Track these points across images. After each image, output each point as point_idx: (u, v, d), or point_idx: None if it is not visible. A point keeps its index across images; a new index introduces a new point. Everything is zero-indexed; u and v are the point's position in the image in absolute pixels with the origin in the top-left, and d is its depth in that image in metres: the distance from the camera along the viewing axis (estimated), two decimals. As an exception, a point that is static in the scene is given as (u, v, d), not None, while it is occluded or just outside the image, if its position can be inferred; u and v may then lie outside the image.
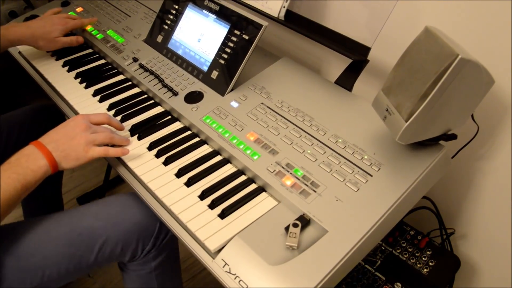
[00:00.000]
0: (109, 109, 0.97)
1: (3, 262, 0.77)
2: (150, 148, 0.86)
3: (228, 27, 0.93)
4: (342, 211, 0.69)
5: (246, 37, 0.89)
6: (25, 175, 0.72)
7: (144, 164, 0.83)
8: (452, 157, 0.91)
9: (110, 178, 1.75)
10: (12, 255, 0.78)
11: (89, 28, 1.20)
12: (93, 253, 0.83)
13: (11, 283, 0.76)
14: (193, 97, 0.93)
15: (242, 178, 0.80)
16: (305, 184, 0.73)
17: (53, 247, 0.81)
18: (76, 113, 0.98)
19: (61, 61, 1.13)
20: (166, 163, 0.83)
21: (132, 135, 0.90)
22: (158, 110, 0.97)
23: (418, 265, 0.93)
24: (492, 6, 0.80)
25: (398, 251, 0.96)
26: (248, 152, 0.80)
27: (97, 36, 1.17)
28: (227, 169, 0.82)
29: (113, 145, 0.85)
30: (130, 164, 0.83)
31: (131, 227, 0.86)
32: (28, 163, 0.73)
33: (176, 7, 1.05)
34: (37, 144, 0.77)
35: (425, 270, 0.92)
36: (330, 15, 0.93)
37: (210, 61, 0.95)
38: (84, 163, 0.79)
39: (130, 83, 1.05)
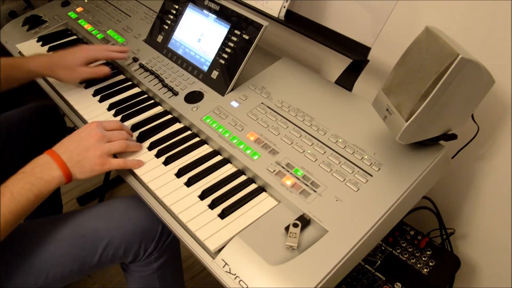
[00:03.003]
0: (109, 109, 0.97)
1: (8, 261, 0.77)
2: (150, 148, 0.86)
3: (228, 27, 0.93)
4: (342, 211, 0.69)
5: (246, 37, 0.89)
6: (39, 185, 0.71)
7: (144, 164, 0.83)
8: (452, 157, 0.91)
9: (110, 178, 1.75)
10: (17, 255, 0.78)
11: (89, 28, 1.20)
12: (97, 255, 0.84)
13: (15, 283, 0.77)
14: (193, 97, 0.93)
15: (242, 178, 0.80)
16: (305, 184, 0.73)
17: (58, 248, 0.81)
18: (76, 113, 0.98)
19: (61, 61, 1.12)
20: (166, 163, 0.83)
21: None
22: (158, 110, 0.96)
23: (418, 265, 0.93)
24: (492, 6, 0.80)
25: (398, 251, 0.96)
26: (248, 152, 0.80)
27: (97, 36, 1.17)
28: (227, 169, 0.81)
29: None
30: (130, 164, 0.83)
31: (134, 229, 0.87)
32: (43, 173, 0.73)
33: (176, 7, 1.05)
34: (52, 153, 0.76)
35: (425, 270, 0.92)
36: (330, 15, 0.93)
37: (210, 61, 0.95)
38: (99, 174, 0.78)
39: (130, 83, 1.05)
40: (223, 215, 0.72)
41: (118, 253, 0.86)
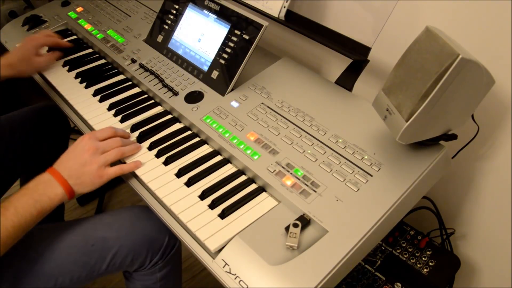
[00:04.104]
0: (109, 109, 0.97)
1: (18, 266, 0.78)
2: (150, 148, 0.86)
3: (229, 27, 0.93)
4: (342, 211, 0.69)
5: (247, 37, 0.89)
6: (41, 202, 0.73)
7: (144, 164, 0.83)
8: (452, 157, 0.91)
9: (110, 178, 1.74)
10: (27, 261, 0.79)
11: (89, 28, 1.20)
12: (105, 263, 0.85)
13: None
14: (194, 97, 0.93)
15: (242, 178, 0.80)
16: (305, 184, 0.73)
17: (67, 255, 0.82)
18: (76, 113, 0.98)
19: (61, 61, 1.12)
20: (166, 163, 0.83)
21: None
22: (158, 110, 0.96)
23: (418, 265, 0.93)
24: (492, 6, 0.80)
25: (398, 251, 0.96)
26: (248, 152, 0.80)
27: (97, 36, 1.17)
28: (227, 169, 0.82)
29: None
30: (130, 164, 0.83)
31: (142, 238, 0.88)
32: (46, 190, 0.74)
33: (176, 7, 1.05)
34: (53, 172, 0.77)
35: (425, 270, 0.92)
36: (331, 15, 0.93)
37: (211, 61, 0.95)
38: (100, 185, 0.79)
39: (130, 83, 1.05)
40: (223, 215, 0.72)
41: (126, 262, 0.87)
